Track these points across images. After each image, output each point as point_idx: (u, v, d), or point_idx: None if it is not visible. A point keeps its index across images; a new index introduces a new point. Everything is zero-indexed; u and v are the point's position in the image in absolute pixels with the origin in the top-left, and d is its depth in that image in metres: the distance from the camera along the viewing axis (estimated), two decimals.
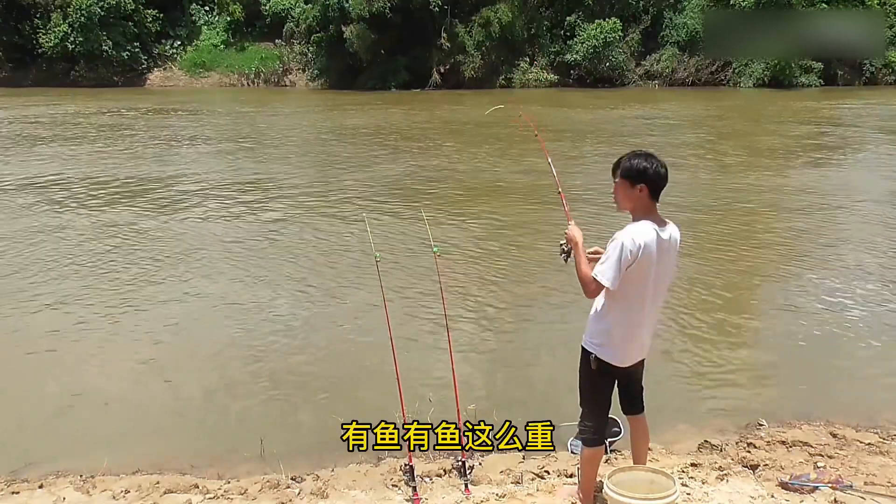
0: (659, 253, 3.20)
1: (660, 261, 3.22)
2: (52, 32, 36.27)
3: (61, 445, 4.68)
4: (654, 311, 3.36)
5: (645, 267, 3.17)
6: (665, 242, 3.23)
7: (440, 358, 5.44)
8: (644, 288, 3.23)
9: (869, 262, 8.18)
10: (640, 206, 3.24)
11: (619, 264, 3.13)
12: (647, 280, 3.21)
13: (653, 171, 3.21)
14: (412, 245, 8.66)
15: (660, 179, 3.22)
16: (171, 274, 7.91)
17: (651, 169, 3.21)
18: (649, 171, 3.21)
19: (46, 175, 13.53)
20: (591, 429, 3.46)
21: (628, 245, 3.13)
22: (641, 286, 3.21)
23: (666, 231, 3.25)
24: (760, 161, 15.01)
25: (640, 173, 3.21)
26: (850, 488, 3.77)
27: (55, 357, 5.94)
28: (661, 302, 3.40)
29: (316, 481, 4.10)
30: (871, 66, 34.88)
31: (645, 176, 3.21)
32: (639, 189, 3.22)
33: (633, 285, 3.19)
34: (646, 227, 3.19)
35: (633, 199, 3.25)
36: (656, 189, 3.23)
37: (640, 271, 3.17)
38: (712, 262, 8.12)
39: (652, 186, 3.22)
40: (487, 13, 34.67)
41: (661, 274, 3.26)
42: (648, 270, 3.19)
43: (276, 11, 38.06)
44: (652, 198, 3.24)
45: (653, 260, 3.19)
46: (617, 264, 3.14)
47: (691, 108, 25.88)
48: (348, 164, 14.90)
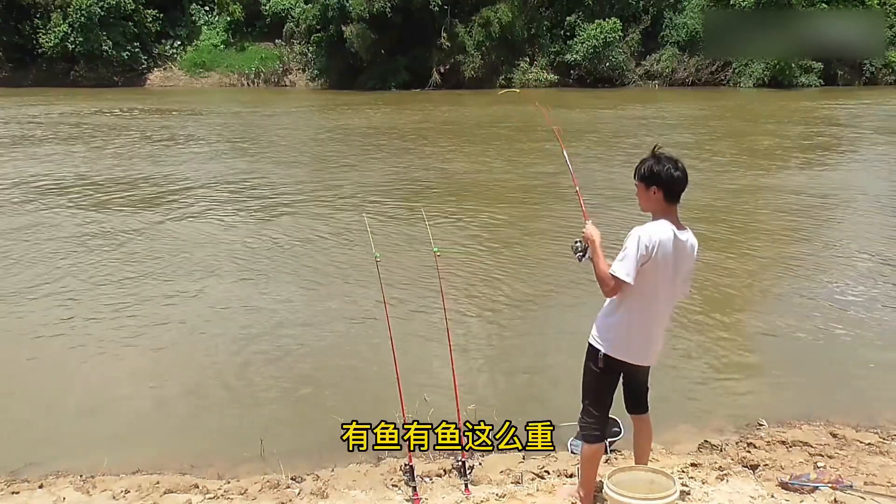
0: (675, 253, 3.21)
1: (675, 261, 3.23)
2: (52, 32, 36.27)
3: (61, 445, 4.68)
4: (666, 313, 3.36)
5: (660, 264, 3.18)
6: (681, 244, 3.24)
7: (440, 358, 5.43)
8: (657, 286, 3.23)
9: (869, 263, 8.18)
10: (657, 208, 3.27)
11: (636, 258, 3.14)
12: (661, 278, 3.22)
13: (665, 173, 3.22)
14: (412, 245, 8.66)
15: (673, 182, 3.22)
16: (170, 275, 7.90)
17: (664, 172, 3.22)
18: (661, 173, 3.23)
19: (43, 175, 13.54)
20: (591, 425, 3.45)
21: (644, 240, 3.15)
22: (654, 284, 3.22)
23: (683, 234, 3.26)
24: (759, 161, 15.01)
25: (652, 176, 3.24)
26: (850, 488, 3.77)
27: (55, 357, 5.93)
28: (673, 305, 3.40)
29: (316, 481, 4.10)
30: (871, 66, 34.86)
31: (658, 179, 3.23)
32: (653, 191, 3.24)
33: (646, 282, 3.19)
34: (663, 225, 3.21)
35: (650, 200, 3.28)
36: (671, 191, 3.24)
37: (655, 268, 3.18)
38: (712, 262, 8.11)
39: (666, 189, 3.23)
40: (487, 13, 34.67)
41: (675, 275, 3.26)
42: (663, 268, 3.20)
43: (276, 11, 38.06)
44: (668, 200, 3.25)
45: (668, 258, 3.20)
46: (634, 258, 3.15)
47: (690, 107, 25.88)
48: (348, 164, 14.91)
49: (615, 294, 3.27)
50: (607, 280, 3.22)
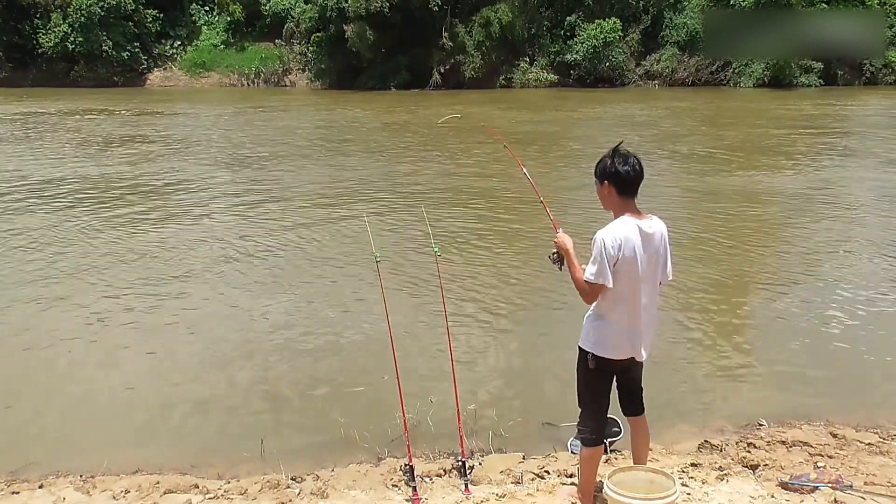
0: (644, 245, 3.21)
1: (646, 252, 3.22)
2: (52, 32, 36.31)
3: (61, 445, 4.68)
4: (650, 305, 3.34)
5: (630, 261, 3.19)
6: (648, 235, 3.23)
7: (440, 358, 5.43)
8: (634, 281, 3.23)
9: (869, 263, 8.18)
10: (613, 204, 3.28)
11: (604, 261, 3.15)
12: (637, 273, 3.22)
13: (614, 167, 3.23)
14: (412, 245, 8.66)
15: (625, 176, 3.22)
16: (170, 275, 7.90)
17: (612, 166, 3.23)
18: (609, 168, 3.24)
19: (36, 175, 13.54)
20: (589, 429, 3.46)
21: (609, 241, 3.16)
22: (630, 281, 3.22)
23: (648, 224, 3.25)
24: (759, 161, 15.01)
25: (602, 171, 3.27)
26: (850, 488, 3.77)
27: (55, 357, 5.93)
28: (656, 293, 3.39)
29: (316, 481, 4.10)
30: (871, 66, 34.86)
31: (607, 173, 3.25)
32: (606, 187, 3.26)
33: (622, 281, 3.20)
34: (624, 221, 3.22)
35: (605, 198, 3.30)
36: (623, 185, 3.23)
37: (626, 266, 3.19)
38: (711, 263, 8.12)
39: (617, 183, 3.23)
40: (487, 13, 34.69)
41: (650, 266, 3.26)
42: (636, 264, 3.20)
43: (276, 11, 38.12)
44: (621, 194, 3.25)
45: (638, 253, 3.20)
46: (602, 261, 3.15)
47: (688, 107, 25.88)
48: (348, 164, 14.91)
49: (594, 300, 3.28)
50: (583, 287, 3.23)
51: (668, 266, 3.37)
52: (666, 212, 7.91)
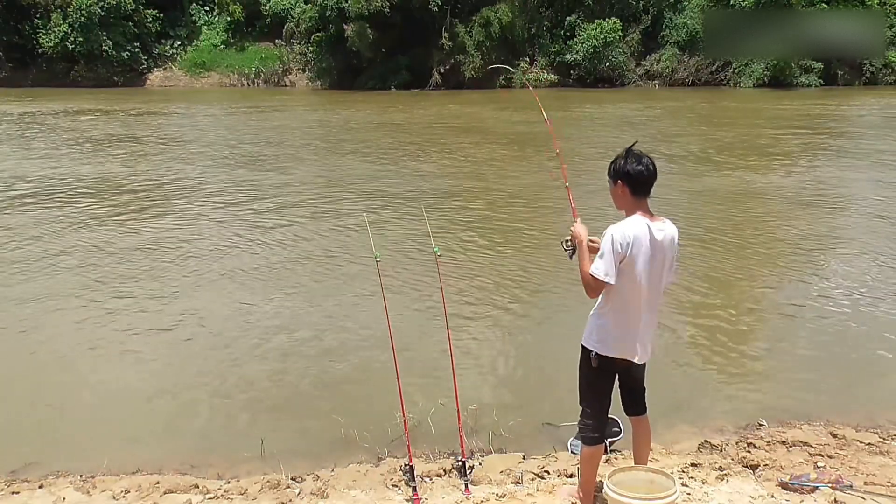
0: (652, 246, 3.22)
1: (654, 254, 3.23)
2: (52, 32, 36.31)
3: (61, 445, 4.68)
4: (653, 306, 3.35)
5: (637, 260, 3.19)
6: (658, 236, 3.24)
7: (441, 358, 5.43)
8: (640, 281, 3.23)
9: (869, 263, 8.18)
10: (626, 203, 3.29)
11: (612, 257, 3.16)
12: (643, 273, 3.22)
13: (627, 168, 3.25)
14: (413, 245, 8.66)
15: (638, 176, 3.24)
16: (169, 275, 7.90)
17: (627, 167, 3.25)
18: (622, 167, 3.26)
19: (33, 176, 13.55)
20: (590, 428, 3.45)
21: (618, 238, 3.17)
22: (637, 280, 3.22)
23: (659, 226, 3.26)
24: (759, 160, 15.01)
25: (616, 171, 3.29)
26: (850, 488, 3.77)
27: (55, 357, 5.93)
28: (660, 296, 3.39)
29: (316, 481, 4.10)
30: (871, 66, 34.89)
31: (620, 173, 3.27)
32: (620, 187, 3.27)
33: (628, 280, 3.21)
34: (635, 220, 3.23)
35: (619, 197, 3.31)
36: (636, 185, 3.25)
37: (634, 265, 3.19)
38: (711, 263, 8.12)
39: (630, 183, 3.25)
40: (487, 13, 34.71)
41: (656, 268, 3.26)
42: (642, 264, 3.20)
43: (276, 11, 38.13)
44: (635, 194, 3.26)
45: (646, 253, 3.20)
46: (610, 257, 3.16)
47: (688, 107, 25.88)
48: (347, 164, 14.89)
49: (597, 294, 3.29)
50: (588, 281, 3.24)
51: (672, 271, 3.38)
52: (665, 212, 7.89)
